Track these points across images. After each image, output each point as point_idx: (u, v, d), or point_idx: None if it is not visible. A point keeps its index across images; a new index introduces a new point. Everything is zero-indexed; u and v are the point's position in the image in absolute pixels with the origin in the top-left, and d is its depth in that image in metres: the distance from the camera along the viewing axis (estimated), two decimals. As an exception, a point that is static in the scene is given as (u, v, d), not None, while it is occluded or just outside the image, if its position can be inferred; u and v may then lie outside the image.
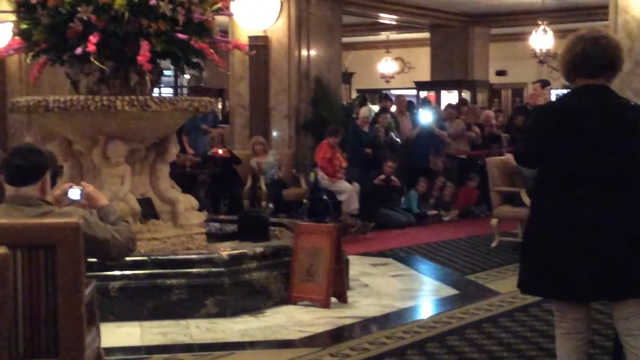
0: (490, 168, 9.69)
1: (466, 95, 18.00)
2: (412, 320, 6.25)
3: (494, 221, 9.59)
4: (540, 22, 15.76)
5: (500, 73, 21.39)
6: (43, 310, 3.57)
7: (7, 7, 7.06)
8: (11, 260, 3.40)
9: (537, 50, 15.92)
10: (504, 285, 7.24)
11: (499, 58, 20.11)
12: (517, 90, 22.40)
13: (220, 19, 7.81)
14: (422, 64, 20.40)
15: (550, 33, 15.76)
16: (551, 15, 15.90)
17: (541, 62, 16.47)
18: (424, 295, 7.06)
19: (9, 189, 3.81)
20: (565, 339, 3.84)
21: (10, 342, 3.49)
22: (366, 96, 19.27)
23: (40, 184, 3.83)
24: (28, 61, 7.39)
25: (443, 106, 15.38)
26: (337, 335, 5.90)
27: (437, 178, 12.49)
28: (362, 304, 6.64)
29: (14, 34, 6.93)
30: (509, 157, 9.60)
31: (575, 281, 3.68)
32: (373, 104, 17.84)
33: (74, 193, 4.01)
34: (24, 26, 6.76)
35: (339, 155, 11.40)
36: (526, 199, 8.79)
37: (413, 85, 20.12)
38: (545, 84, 10.90)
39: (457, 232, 10.87)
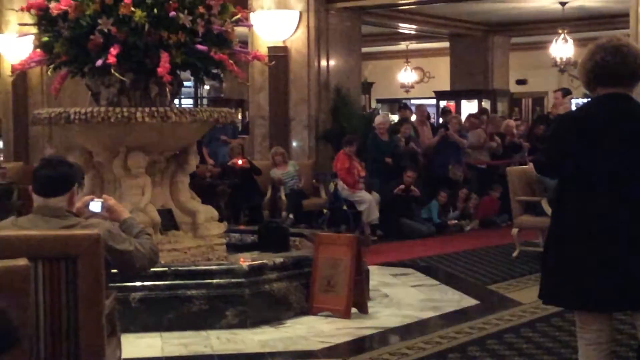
0: (511, 177, 9.64)
1: (486, 104, 17.93)
2: (433, 330, 6.22)
3: (514, 231, 9.54)
4: (560, 31, 15.70)
5: (521, 82, 21.32)
6: (64, 321, 3.58)
7: (29, 20, 7.11)
8: (32, 272, 3.42)
9: (558, 59, 15.86)
10: (526, 295, 7.19)
11: (519, 67, 20.05)
12: (538, 99, 22.31)
13: (240, 29, 7.83)
14: (442, 74, 20.36)
15: (570, 42, 15.70)
16: (571, 24, 15.84)
17: (562, 70, 16.40)
18: (445, 305, 7.01)
19: (37, 200, 3.83)
20: (588, 349, 3.81)
21: (31, 354, 3.50)
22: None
23: (68, 196, 3.85)
24: (49, 73, 7.43)
25: (463, 116, 15.33)
26: (358, 346, 5.88)
27: (461, 190, 12.44)
28: (383, 315, 6.62)
29: (36, 47, 6.98)
30: (530, 166, 9.58)
31: (597, 291, 3.65)
32: (392, 113, 17.83)
33: (95, 206, 4.02)
34: (45, 39, 6.81)
35: (357, 164, 11.40)
36: (547, 209, 8.75)
37: (433, 94, 20.08)
38: (566, 92, 10.86)
39: (478, 242, 10.82)
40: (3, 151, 14.76)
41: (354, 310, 6.51)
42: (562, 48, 15.75)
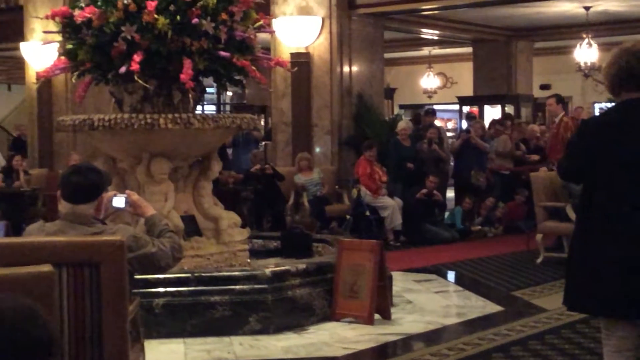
0: (534, 183, 9.59)
1: (509, 109, 17.86)
2: (457, 337, 6.19)
3: (539, 236, 9.49)
4: (584, 35, 15.62)
5: (545, 87, 21.19)
6: (88, 327, 3.59)
7: (54, 27, 7.16)
8: (57, 277, 3.43)
9: (582, 64, 15.76)
10: (550, 302, 7.14)
11: (543, 72, 19.95)
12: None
13: (263, 36, 7.85)
14: (464, 79, 20.31)
15: (595, 46, 15.61)
16: (596, 28, 15.74)
17: (586, 75, 16.30)
18: (469, 311, 6.98)
19: (65, 206, 3.84)
20: (613, 356, 3.76)
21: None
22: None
23: (96, 203, 3.86)
24: (73, 80, 7.49)
25: (486, 122, 15.28)
26: (381, 352, 5.87)
27: (487, 199, 12.38)
28: (406, 321, 6.59)
29: (60, 54, 7.03)
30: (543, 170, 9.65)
31: (622, 298, 3.61)
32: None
33: (119, 201, 4.04)
34: (69, 46, 6.86)
35: (378, 169, 11.38)
36: (572, 214, 8.69)
37: (456, 100, 20.02)
38: (560, 99, 10.86)
39: (502, 248, 10.77)
40: (28, 158, 14.87)
41: (377, 316, 6.49)
42: (586, 52, 15.66)
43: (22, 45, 14.40)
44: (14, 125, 24.53)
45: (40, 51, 12.60)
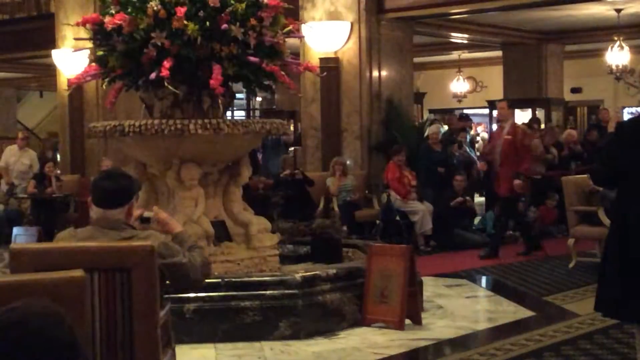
0: (566, 187, 9.51)
1: (540, 113, 17.74)
2: (488, 342, 6.15)
3: (570, 241, 9.40)
4: (616, 38, 15.47)
5: (576, 90, 21.03)
6: (119, 332, 3.61)
7: (85, 34, 7.22)
8: (88, 283, 3.45)
9: (614, 66, 15.61)
10: (583, 307, 7.07)
11: (574, 75, 19.79)
12: (593, 108, 21.98)
13: (292, 41, 7.86)
14: (494, 83, 20.20)
15: (626, 49, 15.46)
16: (627, 31, 15.59)
17: (617, 78, 16.15)
18: (500, 317, 6.93)
19: (96, 211, 3.86)
20: (648, 362, 3.72)
21: (87, 364, 3.54)
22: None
23: (127, 208, 3.88)
24: (104, 87, 7.54)
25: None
26: (412, 357, 5.84)
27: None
28: (437, 326, 6.56)
29: (91, 61, 7.08)
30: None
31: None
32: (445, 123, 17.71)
33: (146, 220, 4.06)
34: (100, 53, 6.92)
35: (407, 173, 11.35)
36: (604, 218, 8.60)
37: (486, 104, 19.92)
38: (509, 102, 10.82)
39: (534, 253, 10.66)
40: (60, 164, 15.01)
41: (407, 321, 6.47)
42: (618, 55, 15.51)
43: (54, 53, 14.53)
44: (46, 132, 24.81)
45: (71, 58, 12.71)
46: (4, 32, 17.67)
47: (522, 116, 17.91)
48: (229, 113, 12.15)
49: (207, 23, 6.55)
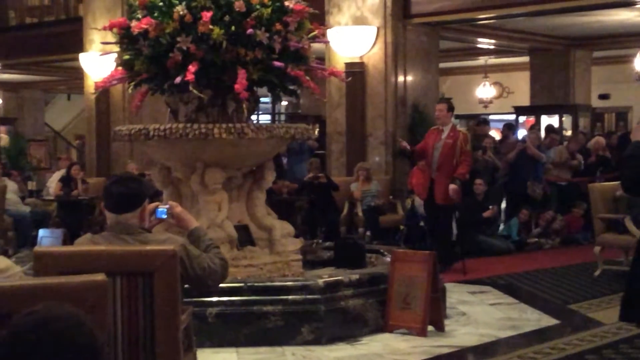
0: (592, 194, 9.44)
1: (567, 119, 17.62)
2: (512, 350, 6.10)
3: (596, 249, 9.33)
4: (644, 44, 15.35)
5: (603, 97, 20.88)
6: (141, 336, 3.62)
7: (112, 38, 7.26)
8: (110, 286, 3.47)
9: (642, 73, 15.47)
10: (608, 315, 7.01)
11: (601, 81, 19.64)
12: (621, 114, 21.82)
13: (317, 46, 7.85)
14: (521, 89, 20.08)
15: (655, 55, 15.32)
16: (656, 37, 15.47)
17: (646, 84, 16.01)
18: (524, 324, 6.88)
19: (110, 217, 3.87)
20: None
21: (109, 367, 3.55)
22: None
23: (139, 212, 3.88)
24: (130, 91, 7.57)
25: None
26: (434, 364, 5.81)
27: (546, 211, 12.21)
28: (460, 333, 6.53)
29: (117, 65, 7.12)
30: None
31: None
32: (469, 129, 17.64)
33: (161, 212, 4.06)
34: (126, 57, 6.95)
35: (430, 179, 11.27)
36: (631, 227, 8.53)
37: (512, 110, 19.82)
38: (450, 107, 9.64)
39: (559, 260, 10.61)
40: (86, 167, 15.10)
41: (430, 328, 6.44)
42: (647, 62, 15.37)
43: (81, 56, 14.65)
44: (73, 134, 25.01)
45: (98, 62, 12.79)
46: (33, 35, 17.84)
47: (548, 122, 17.82)
48: (254, 117, 12.18)
49: (233, 28, 6.57)
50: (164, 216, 4.05)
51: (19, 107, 24.49)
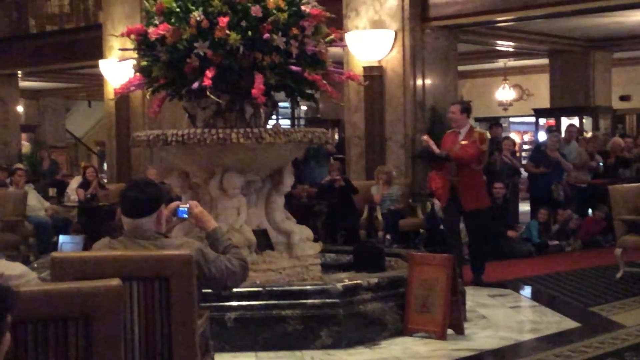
0: (613, 196, 9.38)
1: (587, 121, 17.52)
2: (532, 353, 6.07)
3: (617, 251, 9.26)
4: (665, 45, 15.26)
5: (624, 98, 20.76)
6: (158, 340, 3.63)
7: (130, 45, 7.30)
8: (127, 291, 3.48)
9: (663, 74, 15.39)
10: (630, 318, 6.96)
11: (622, 83, 19.54)
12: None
13: (336, 50, 7.85)
14: (541, 91, 20.02)
15: (676, 56, 15.24)
16: (677, 38, 15.37)
17: (667, 86, 15.92)
18: (545, 327, 6.84)
19: (126, 222, 3.89)
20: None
21: (126, 372, 3.56)
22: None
23: (156, 216, 3.90)
24: (148, 97, 7.60)
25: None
26: (454, 368, 5.78)
27: (563, 211, 12.14)
28: (480, 336, 6.50)
29: (135, 71, 7.15)
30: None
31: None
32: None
33: (182, 212, 4.08)
34: (144, 63, 6.98)
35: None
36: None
37: (532, 112, 19.74)
38: (465, 108, 9.19)
39: (580, 263, 10.54)
40: (106, 172, 15.19)
41: (450, 331, 6.42)
42: (668, 62, 15.29)
43: (101, 63, 14.73)
44: (94, 140, 25.17)
45: (117, 68, 12.86)
46: (54, 42, 17.98)
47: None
48: (273, 121, 12.19)
49: (250, 33, 6.58)
50: (185, 216, 4.07)
51: (40, 115, 24.68)
